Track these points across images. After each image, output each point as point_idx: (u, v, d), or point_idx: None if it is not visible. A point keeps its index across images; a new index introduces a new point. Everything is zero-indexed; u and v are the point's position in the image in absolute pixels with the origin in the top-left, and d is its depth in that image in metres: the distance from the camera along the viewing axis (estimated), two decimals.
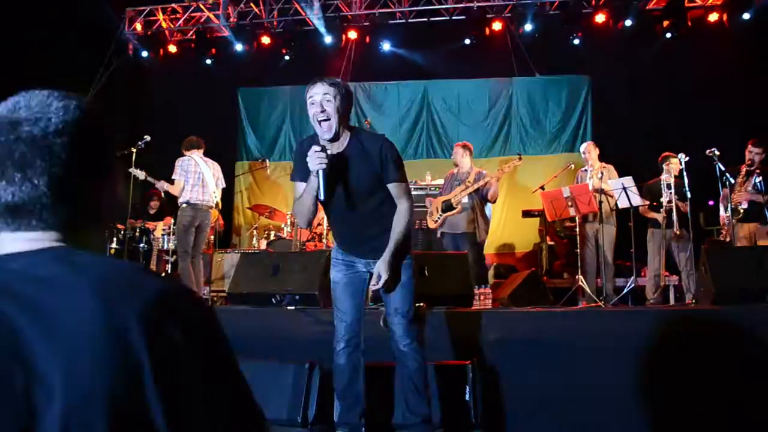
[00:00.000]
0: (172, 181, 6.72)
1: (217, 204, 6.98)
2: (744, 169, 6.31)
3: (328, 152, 3.04)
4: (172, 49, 10.96)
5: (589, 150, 7.04)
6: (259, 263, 4.78)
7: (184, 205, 6.60)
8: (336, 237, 3.41)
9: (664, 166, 6.58)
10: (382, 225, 3.20)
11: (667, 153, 6.65)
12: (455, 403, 3.61)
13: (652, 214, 6.63)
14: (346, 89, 3.17)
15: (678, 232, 6.25)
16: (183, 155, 6.80)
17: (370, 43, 10.48)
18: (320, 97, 3.06)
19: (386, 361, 3.44)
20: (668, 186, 6.36)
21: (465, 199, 6.73)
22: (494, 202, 6.99)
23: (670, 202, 6.29)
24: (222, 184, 7.07)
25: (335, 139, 3.12)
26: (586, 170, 7.00)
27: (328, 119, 3.06)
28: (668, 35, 9.30)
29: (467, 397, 3.67)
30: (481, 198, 6.77)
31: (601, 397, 3.73)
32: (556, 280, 8.13)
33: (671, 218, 6.28)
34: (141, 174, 6.86)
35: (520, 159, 7.15)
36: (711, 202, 7.17)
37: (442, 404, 3.56)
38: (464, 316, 4.24)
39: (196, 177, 6.67)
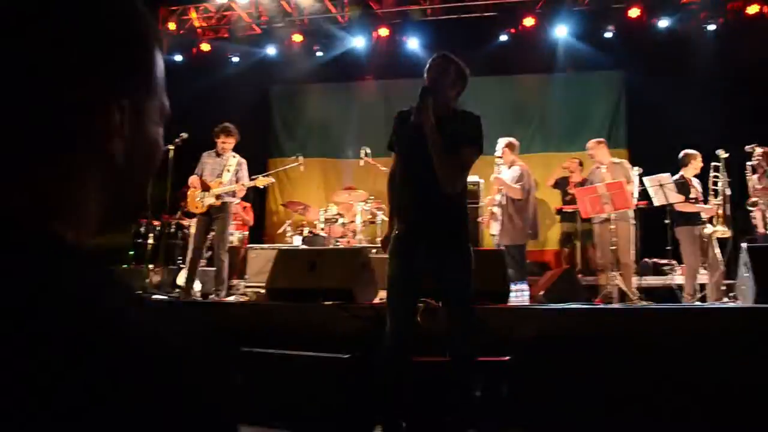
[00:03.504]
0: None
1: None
2: None
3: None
4: (205, 47, 11.09)
5: (592, 147, 6.92)
6: (296, 259, 4.83)
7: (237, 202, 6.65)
8: (400, 218, 3.34)
9: (692, 161, 6.52)
10: (450, 213, 3.21)
11: (690, 150, 6.59)
12: (493, 401, 3.61)
13: (697, 208, 6.44)
14: (458, 68, 3.34)
15: (722, 230, 6.16)
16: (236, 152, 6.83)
17: (400, 40, 10.49)
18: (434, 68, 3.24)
19: (434, 356, 3.44)
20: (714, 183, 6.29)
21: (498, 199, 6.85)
22: (521, 198, 6.83)
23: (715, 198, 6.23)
24: None
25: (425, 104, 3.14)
26: (598, 167, 6.89)
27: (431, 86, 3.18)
28: (709, 28, 9.14)
29: (504, 393, 3.67)
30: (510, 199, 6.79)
31: (640, 397, 3.70)
32: (590, 278, 8.06)
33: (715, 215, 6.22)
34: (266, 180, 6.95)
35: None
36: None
37: (480, 401, 3.56)
38: (500, 312, 4.24)
39: None
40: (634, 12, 9.35)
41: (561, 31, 9.86)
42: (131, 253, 8.98)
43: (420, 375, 3.48)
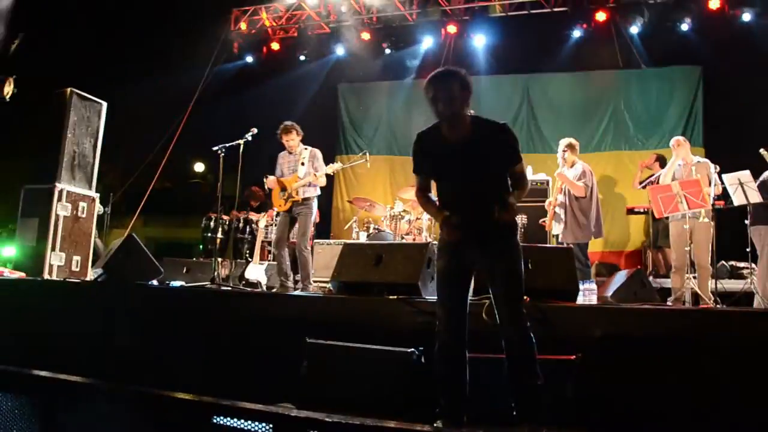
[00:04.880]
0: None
1: None
2: None
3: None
4: (275, 46, 11.32)
5: (678, 145, 6.67)
6: (362, 253, 4.85)
7: (317, 197, 6.81)
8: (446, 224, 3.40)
9: None
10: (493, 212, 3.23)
11: None
12: (557, 400, 3.54)
13: None
14: (465, 79, 3.26)
15: None
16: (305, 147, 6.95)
17: (468, 36, 10.42)
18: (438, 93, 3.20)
19: (492, 353, 3.41)
20: None
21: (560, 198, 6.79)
22: (584, 196, 6.75)
23: None
24: None
25: (457, 127, 3.24)
26: (680, 165, 6.64)
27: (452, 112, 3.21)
28: None
29: (569, 393, 3.59)
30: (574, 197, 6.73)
31: (710, 401, 3.56)
32: (660, 280, 7.80)
33: None
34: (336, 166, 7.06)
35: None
36: None
37: (542, 398, 3.49)
38: (568, 311, 4.15)
39: None
40: (714, 3, 8.98)
41: (635, 26, 9.58)
42: (200, 247, 9.26)
43: (479, 370, 3.46)
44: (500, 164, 3.31)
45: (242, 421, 1.81)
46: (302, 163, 6.74)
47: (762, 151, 6.18)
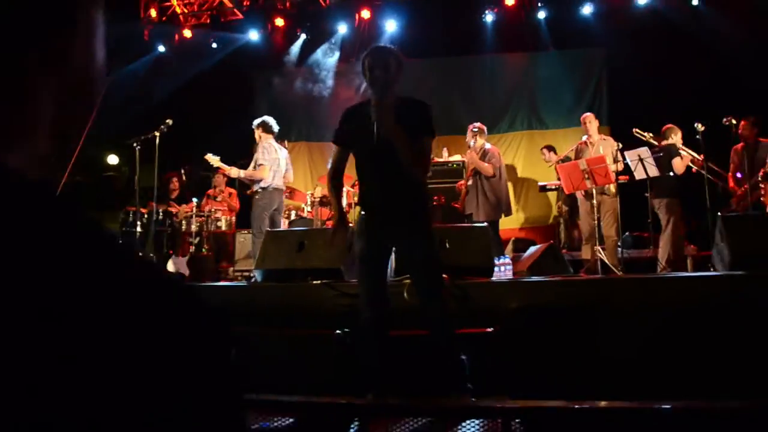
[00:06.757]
0: (241, 166, 6.92)
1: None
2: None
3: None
4: (187, 34, 11.07)
5: (589, 120, 7.07)
6: (285, 240, 4.91)
7: (261, 189, 6.78)
8: (364, 204, 3.54)
9: (673, 136, 6.66)
10: (410, 192, 3.37)
11: (670, 124, 6.73)
12: (477, 370, 3.72)
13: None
14: (399, 56, 3.42)
15: None
16: (259, 139, 6.99)
17: (381, 21, 10.52)
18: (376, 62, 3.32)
19: (413, 329, 3.56)
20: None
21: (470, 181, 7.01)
22: (493, 175, 7.02)
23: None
24: (291, 167, 7.28)
25: (386, 97, 3.29)
26: (585, 142, 7.05)
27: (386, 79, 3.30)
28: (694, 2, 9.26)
29: (488, 363, 3.78)
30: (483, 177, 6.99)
31: (620, 365, 3.83)
32: (575, 253, 8.20)
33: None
34: (215, 160, 7.01)
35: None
36: (739, 174, 6.97)
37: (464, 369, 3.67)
38: (485, 287, 4.35)
39: (275, 162, 6.87)
40: None
41: (542, 11, 9.95)
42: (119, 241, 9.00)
43: (403, 348, 3.60)
44: (416, 137, 3.34)
45: None
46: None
47: (635, 131, 6.67)
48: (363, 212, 3.54)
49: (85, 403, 0.41)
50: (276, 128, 7.09)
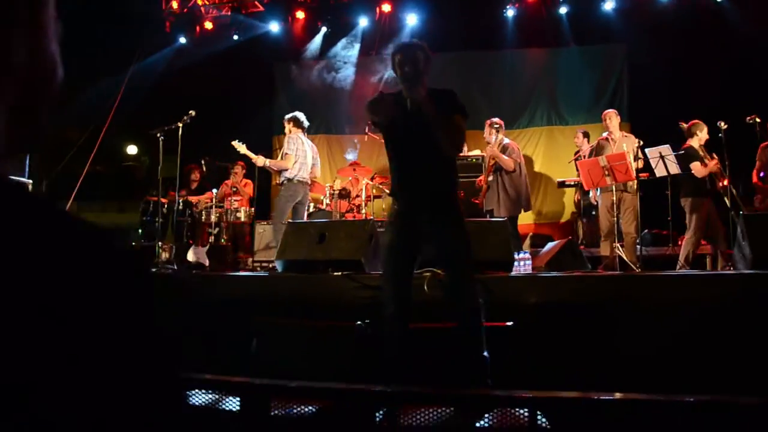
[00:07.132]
0: (267, 156, 7.01)
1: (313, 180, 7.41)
2: None
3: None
4: (208, 25, 11.13)
5: (610, 117, 7.04)
6: (305, 232, 4.95)
7: (287, 181, 6.89)
8: (399, 192, 3.59)
9: (698, 132, 6.60)
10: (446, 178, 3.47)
11: (697, 121, 6.66)
12: (495, 363, 3.75)
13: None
14: (427, 50, 3.48)
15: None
16: (289, 133, 7.09)
17: (402, 15, 10.52)
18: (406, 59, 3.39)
19: (436, 322, 3.59)
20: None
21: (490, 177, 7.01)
22: (513, 170, 7.05)
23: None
24: (318, 162, 7.38)
25: (417, 90, 3.38)
26: (606, 139, 7.02)
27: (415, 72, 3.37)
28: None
29: (506, 358, 3.81)
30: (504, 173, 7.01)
31: (638, 361, 3.84)
32: (593, 249, 8.18)
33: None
34: (242, 147, 7.08)
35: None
36: (762, 173, 6.89)
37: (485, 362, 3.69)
38: (505, 281, 4.38)
39: (303, 155, 6.96)
40: None
41: (563, 6, 9.90)
42: (140, 231, 9.13)
43: (421, 341, 3.63)
44: (449, 116, 3.43)
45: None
46: None
47: (681, 124, 6.60)
48: (396, 202, 3.58)
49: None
50: (306, 123, 7.17)
